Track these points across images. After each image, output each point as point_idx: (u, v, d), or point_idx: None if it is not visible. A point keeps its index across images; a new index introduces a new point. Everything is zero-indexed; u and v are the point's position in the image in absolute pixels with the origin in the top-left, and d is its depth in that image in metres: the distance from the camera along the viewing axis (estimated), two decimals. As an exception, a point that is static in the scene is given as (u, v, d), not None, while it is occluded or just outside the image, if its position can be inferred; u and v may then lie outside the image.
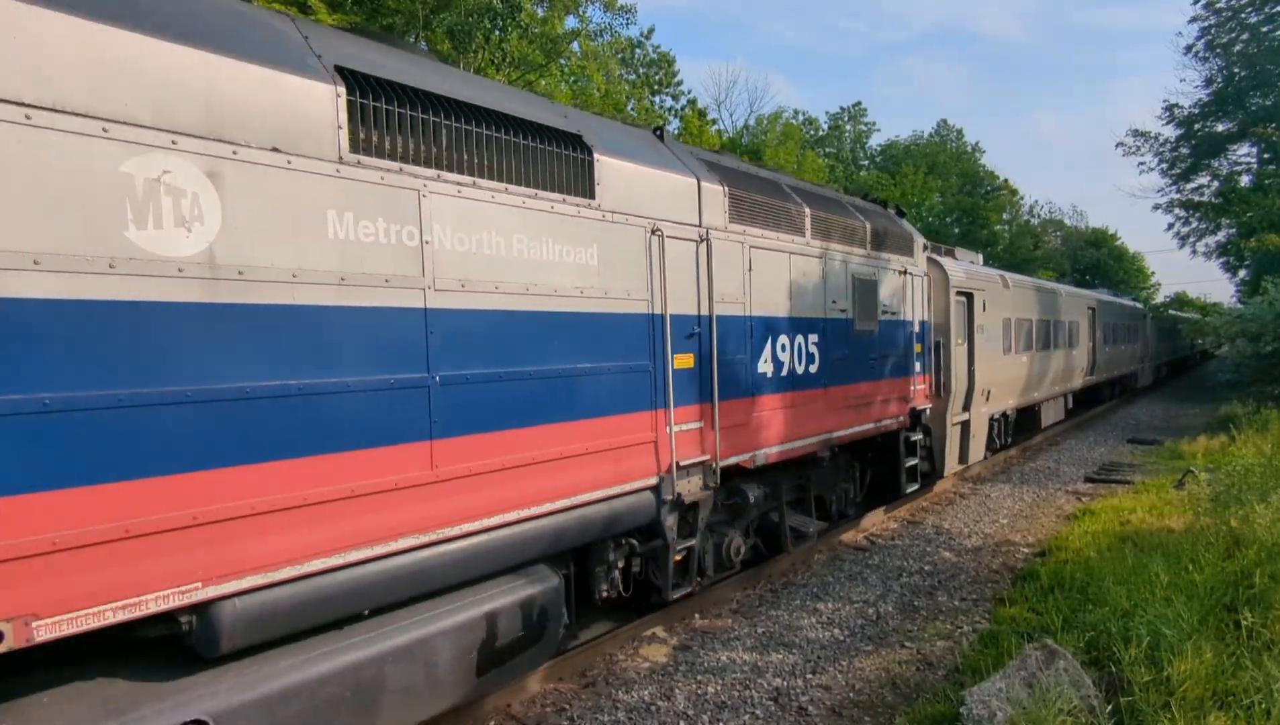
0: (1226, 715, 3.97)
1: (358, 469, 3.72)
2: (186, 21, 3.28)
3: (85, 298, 2.85)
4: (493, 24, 14.13)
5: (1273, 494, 7.09)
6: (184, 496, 3.12)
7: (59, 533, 2.79)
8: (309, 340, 3.54)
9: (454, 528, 4.13)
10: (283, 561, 3.42)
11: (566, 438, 4.85)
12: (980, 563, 8.19)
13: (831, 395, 7.79)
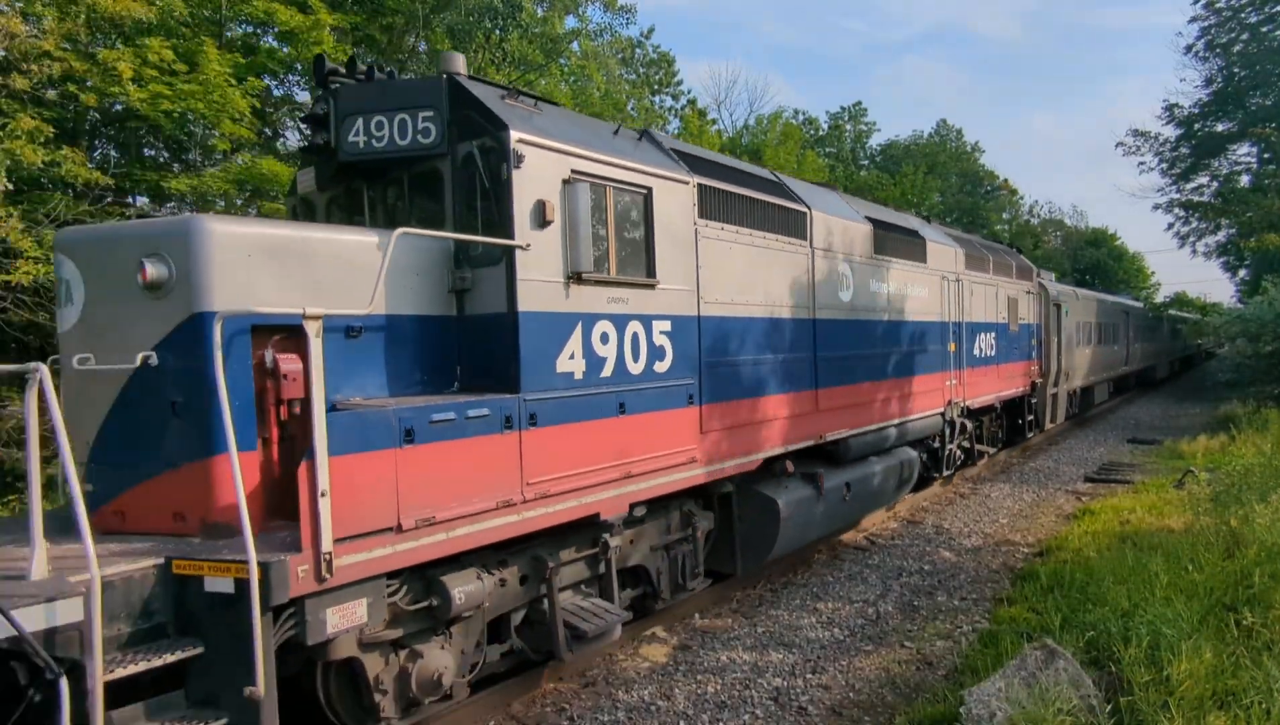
0: (1226, 715, 3.97)
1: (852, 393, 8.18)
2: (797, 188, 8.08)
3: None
4: (493, 23, 14.12)
5: (1272, 494, 7.09)
6: (800, 402, 7.22)
7: (738, 420, 6.34)
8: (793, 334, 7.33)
9: (889, 422, 8.85)
10: (830, 430, 7.67)
11: (910, 386, 9.37)
12: (980, 562, 8.19)
13: (1000, 370, 12.50)
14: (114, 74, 10.19)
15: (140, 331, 3.73)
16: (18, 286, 9.08)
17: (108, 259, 3.88)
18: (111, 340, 3.78)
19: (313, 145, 5.03)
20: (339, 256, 4.20)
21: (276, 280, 3.89)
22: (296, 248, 4.08)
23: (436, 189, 4.90)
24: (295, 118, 14.91)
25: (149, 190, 12.30)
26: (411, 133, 4.75)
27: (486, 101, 4.73)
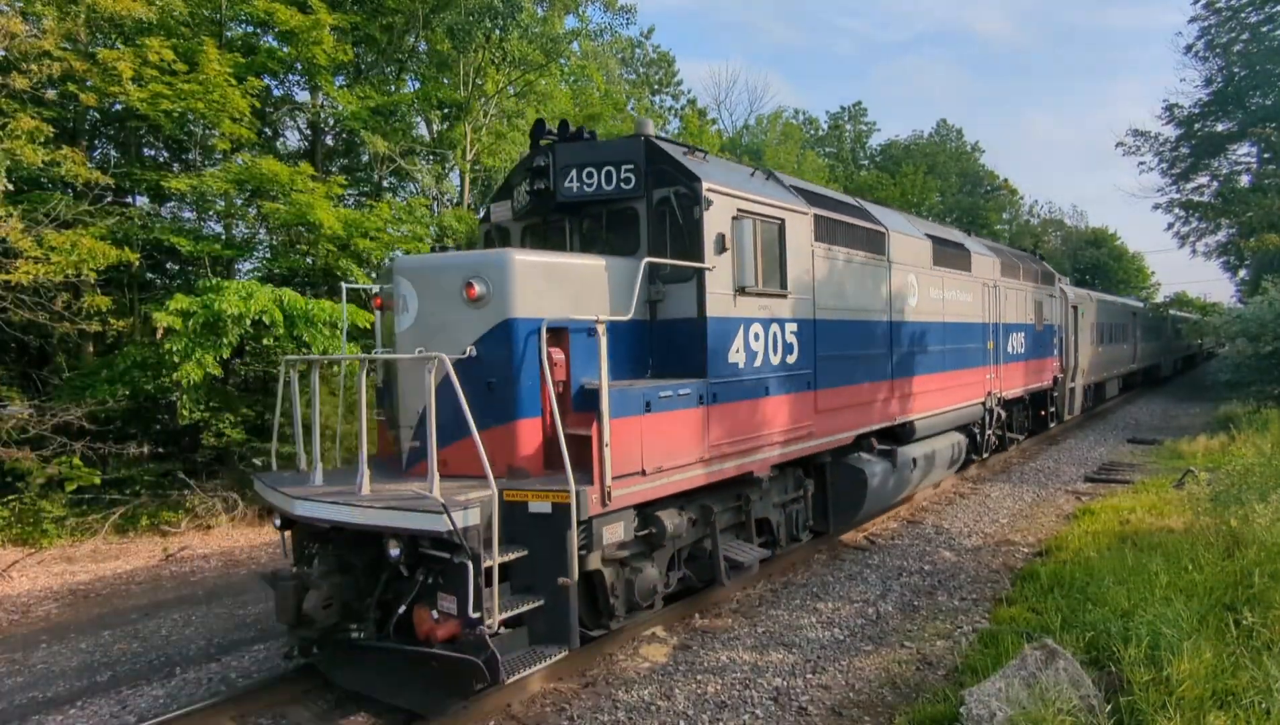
0: (1226, 715, 3.97)
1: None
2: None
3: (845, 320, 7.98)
4: (493, 23, 14.10)
5: (1272, 494, 7.09)
6: (872, 392, 8.55)
7: (839, 403, 7.75)
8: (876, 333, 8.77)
9: (943, 409, 10.32)
10: (902, 414, 9.15)
11: (959, 379, 10.85)
12: (980, 562, 8.19)
13: (1028, 366, 14.03)
14: (114, 74, 10.19)
15: (463, 332, 5.20)
16: (17, 286, 9.07)
17: (438, 280, 5.33)
18: (440, 338, 5.15)
19: (533, 190, 6.44)
20: (584, 277, 5.66)
21: (552, 295, 5.35)
22: (562, 271, 5.55)
23: (632, 223, 6.35)
24: (294, 118, 14.93)
25: (149, 190, 12.29)
26: (615, 181, 6.23)
27: (679, 158, 6.24)
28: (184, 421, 11.11)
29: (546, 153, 6.35)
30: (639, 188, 6.21)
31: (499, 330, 5.17)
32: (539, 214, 6.81)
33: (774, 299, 6.80)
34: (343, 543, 5.04)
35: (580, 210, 6.58)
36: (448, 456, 5.03)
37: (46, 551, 9.68)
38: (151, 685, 5.80)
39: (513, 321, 5.16)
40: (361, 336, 13.34)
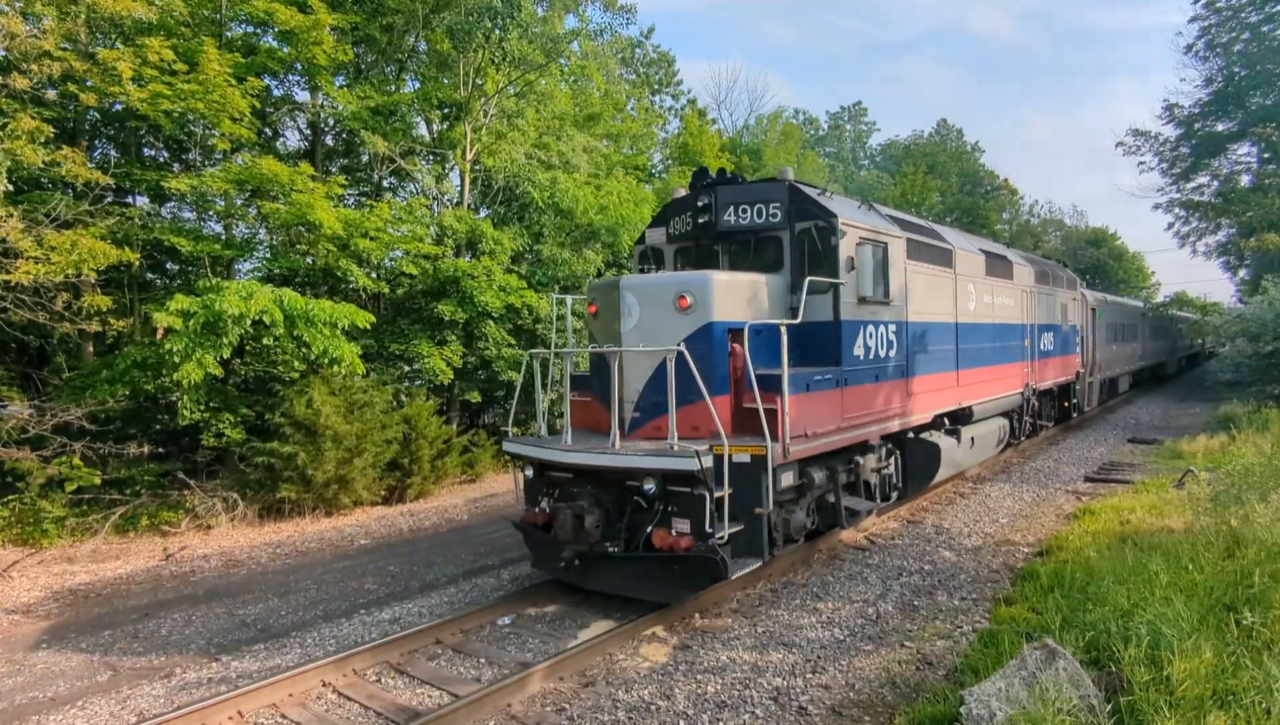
0: (1226, 714, 3.96)
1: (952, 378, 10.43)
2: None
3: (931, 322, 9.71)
4: (493, 23, 14.08)
5: (1273, 494, 7.08)
6: (945, 380, 10.03)
7: (922, 389, 9.35)
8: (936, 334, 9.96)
9: (994, 397, 11.76)
10: (964, 400, 10.63)
11: (1004, 371, 12.22)
12: (980, 562, 8.18)
13: (1056, 362, 15.53)
14: (114, 74, 10.19)
15: (674, 332, 6.76)
16: (17, 286, 9.07)
17: (657, 293, 7.00)
18: (655, 336, 6.79)
19: (697, 222, 8.17)
20: (751, 289, 7.35)
21: (733, 303, 7.04)
22: (738, 285, 7.26)
23: (776, 248, 7.98)
24: (295, 118, 14.92)
25: (149, 190, 12.29)
26: (765, 215, 7.86)
27: (817, 198, 7.93)
28: (184, 421, 11.12)
29: (710, 192, 8.06)
30: (783, 221, 7.86)
31: (702, 331, 6.84)
32: (692, 238, 8.47)
33: (881, 306, 8.37)
34: (598, 484, 6.79)
35: (731, 237, 8.20)
36: (660, 424, 6.76)
37: (47, 551, 9.68)
38: (152, 685, 5.80)
39: (712, 324, 6.87)
40: (362, 335, 13.35)
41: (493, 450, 15.28)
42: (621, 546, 6.56)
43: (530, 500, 7.57)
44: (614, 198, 16.60)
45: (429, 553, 9.54)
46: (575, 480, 6.99)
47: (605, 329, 7.38)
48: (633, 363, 6.92)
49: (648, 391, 6.88)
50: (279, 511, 11.42)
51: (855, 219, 8.05)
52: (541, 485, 7.43)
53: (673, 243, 8.68)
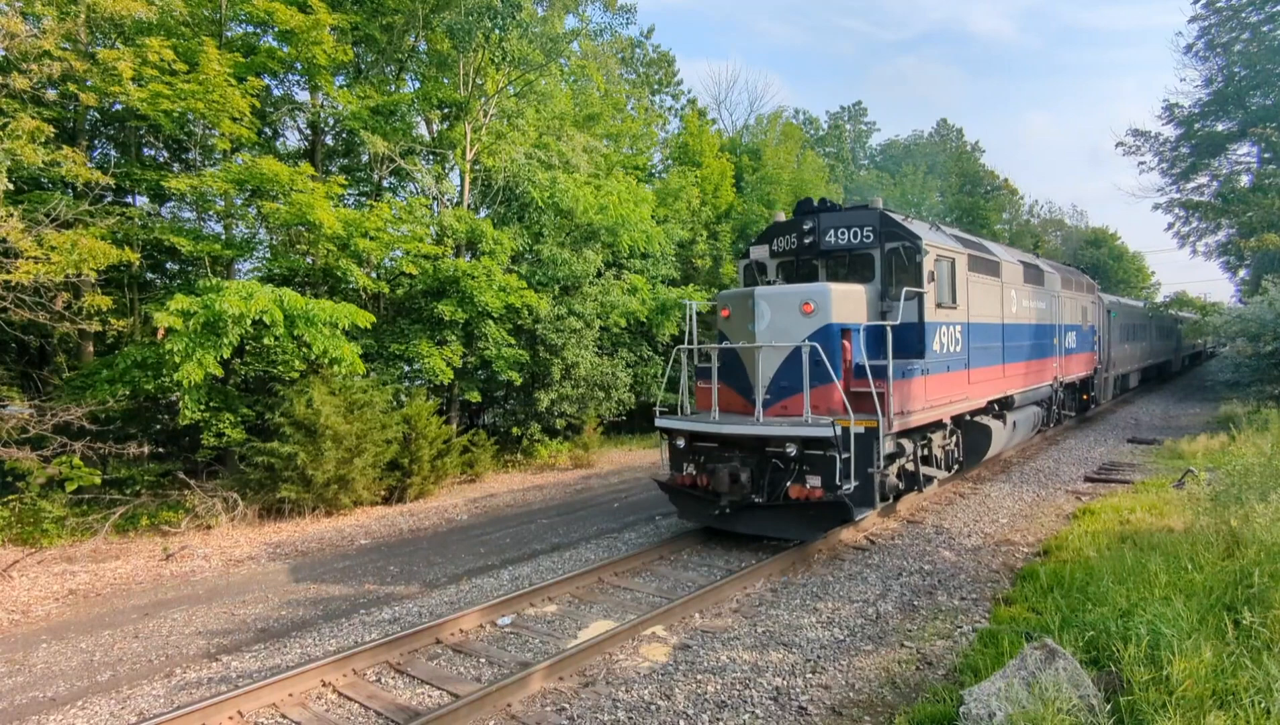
0: (1226, 714, 3.96)
1: (1001, 371, 12.09)
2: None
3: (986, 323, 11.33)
4: (493, 23, 14.08)
5: (1272, 494, 7.08)
6: (994, 372, 11.65)
7: (978, 379, 10.85)
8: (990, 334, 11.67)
9: (1031, 387, 13.41)
10: (1008, 389, 12.11)
11: (1038, 366, 13.84)
12: (980, 562, 8.18)
13: (1077, 358, 17.04)
14: (114, 73, 10.19)
15: (798, 331, 8.40)
16: (18, 286, 9.07)
17: (786, 301, 8.60)
18: (783, 335, 8.45)
19: (802, 242, 9.98)
20: (854, 297, 8.97)
21: (843, 308, 8.65)
22: (846, 294, 8.81)
23: (869, 265, 9.66)
24: (294, 118, 14.92)
25: (149, 190, 12.30)
26: (860, 237, 9.64)
27: (904, 223, 9.61)
28: (184, 421, 11.12)
29: (815, 217, 9.93)
30: (875, 241, 9.55)
31: (822, 330, 8.41)
32: (794, 255, 10.18)
33: (951, 310, 10.00)
34: (743, 450, 8.56)
35: (830, 254, 9.95)
36: (787, 404, 8.47)
37: (47, 551, 9.68)
38: (152, 685, 5.80)
39: (830, 325, 8.45)
40: (362, 335, 13.34)
41: (492, 450, 15.29)
42: (765, 497, 8.37)
43: (675, 466, 9.37)
44: (614, 198, 16.60)
45: (429, 552, 9.54)
46: (720, 448, 8.81)
47: (738, 329, 9.01)
48: (765, 356, 8.61)
49: (776, 378, 8.57)
50: (279, 511, 11.43)
51: (933, 240, 9.77)
52: (687, 454, 9.19)
53: (775, 258, 10.37)
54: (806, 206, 10.28)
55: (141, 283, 12.92)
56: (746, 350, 8.74)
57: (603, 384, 16.90)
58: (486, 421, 17.92)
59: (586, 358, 16.32)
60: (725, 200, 24.41)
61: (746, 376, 8.78)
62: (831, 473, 7.90)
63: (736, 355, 8.91)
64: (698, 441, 9.08)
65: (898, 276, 9.43)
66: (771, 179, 25.12)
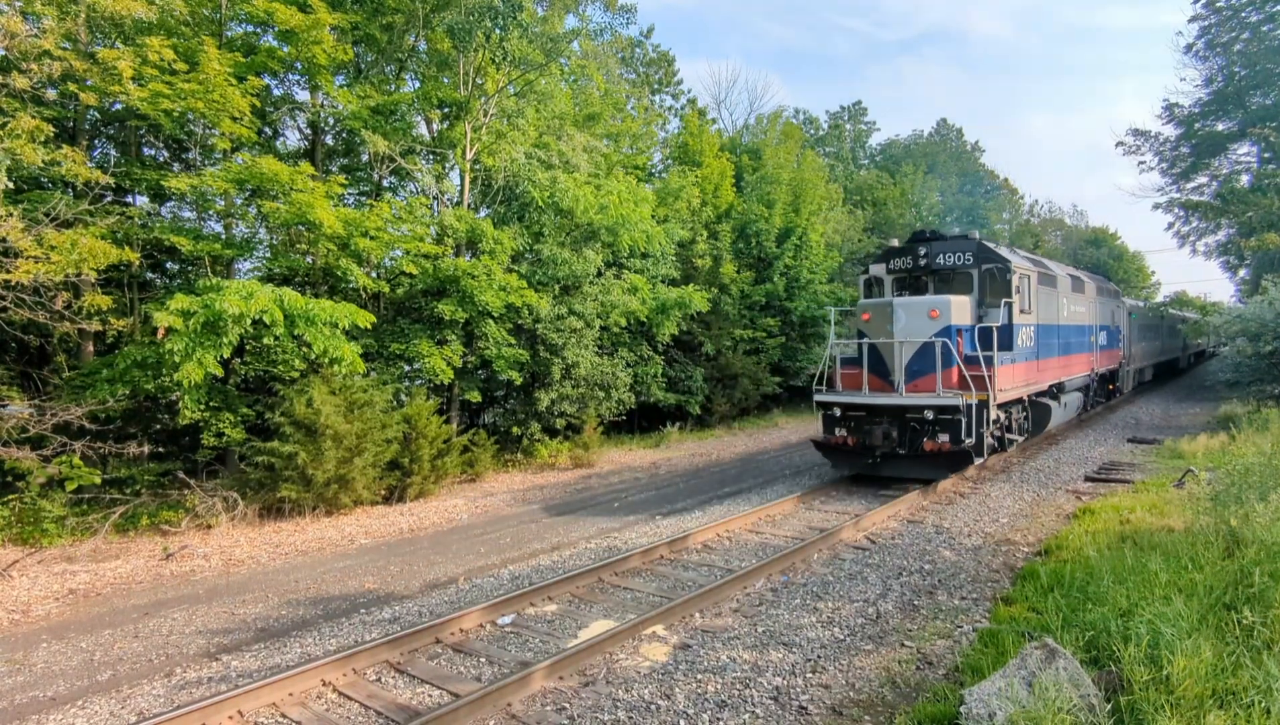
0: (1226, 714, 3.96)
1: (1063, 362, 15.72)
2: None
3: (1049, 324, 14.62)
4: (493, 23, 14.07)
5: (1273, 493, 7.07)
6: (1053, 363, 14.83)
7: (1042, 368, 13.94)
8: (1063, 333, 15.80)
9: (1075, 376, 16.51)
10: (1060, 377, 15.31)
11: (1079, 359, 16.87)
12: (980, 562, 8.18)
13: (1107, 353, 19.77)
14: (114, 73, 10.18)
15: (927, 330, 11.32)
16: (17, 286, 9.07)
17: (917, 308, 11.51)
18: (915, 334, 11.37)
19: (918, 262, 12.77)
20: (962, 305, 11.72)
21: (958, 314, 11.50)
22: (957, 303, 11.58)
23: (968, 281, 12.51)
24: (294, 117, 14.92)
25: (149, 189, 12.29)
26: (961, 259, 12.48)
27: (995, 248, 12.67)
28: (185, 421, 11.12)
29: (927, 244, 12.94)
30: (974, 263, 12.55)
31: (944, 330, 11.33)
32: (907, 272, 13.10)
33: (1027, 315, 12.96)
34: (888, 416, 11.52)
35: (936, 272, 12.84)
36: (918, 383, 11.40)
37: (47, 551, 9.68)
38: (152, 684, 5.80)
39: (950, 326, 11.33)
40: (362, 335, 13.34)
41: (492, 450, 15.28)
42: (906, 450, 11.49)
43: (829, 430, 12.40)
44: (614, 197, 16.59)
45: (429, 552, 9.54)
46: (869, 416, 11.77)
47: (878, 329, 11.94)
48: (904, 348, 11.58)
49: (910, 364, 11.55)
50: (279, 511, 11.42)
51: (1017, 261, 12.90)
52: (840, 421, 12.19)
53: (890, 274, 13.35)
54: (920, 236, 13.40)
55: (141, 282, 12.91)
56: (886, 344, 11.75)
57: (603, 384, 16.91)
58: (486, 421, 17.91)
59: (586, 357, 16.32)
60: (725, 200, 24.40)
61: (886, 363, 11.77)
62: (957, 431, 11.06)
63: (877, 348, 11.88)
64: (848, 411, 12.03)
65: (991, 290, 12.53)
66: (771, 179, 25.11)
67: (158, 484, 11.88)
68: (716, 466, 15.72)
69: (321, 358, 11.36)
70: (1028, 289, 12.93)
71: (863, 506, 10.96)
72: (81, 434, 9.74)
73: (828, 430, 12.40)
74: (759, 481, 13.52)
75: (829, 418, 12.34)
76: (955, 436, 11.05)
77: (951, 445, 11.06)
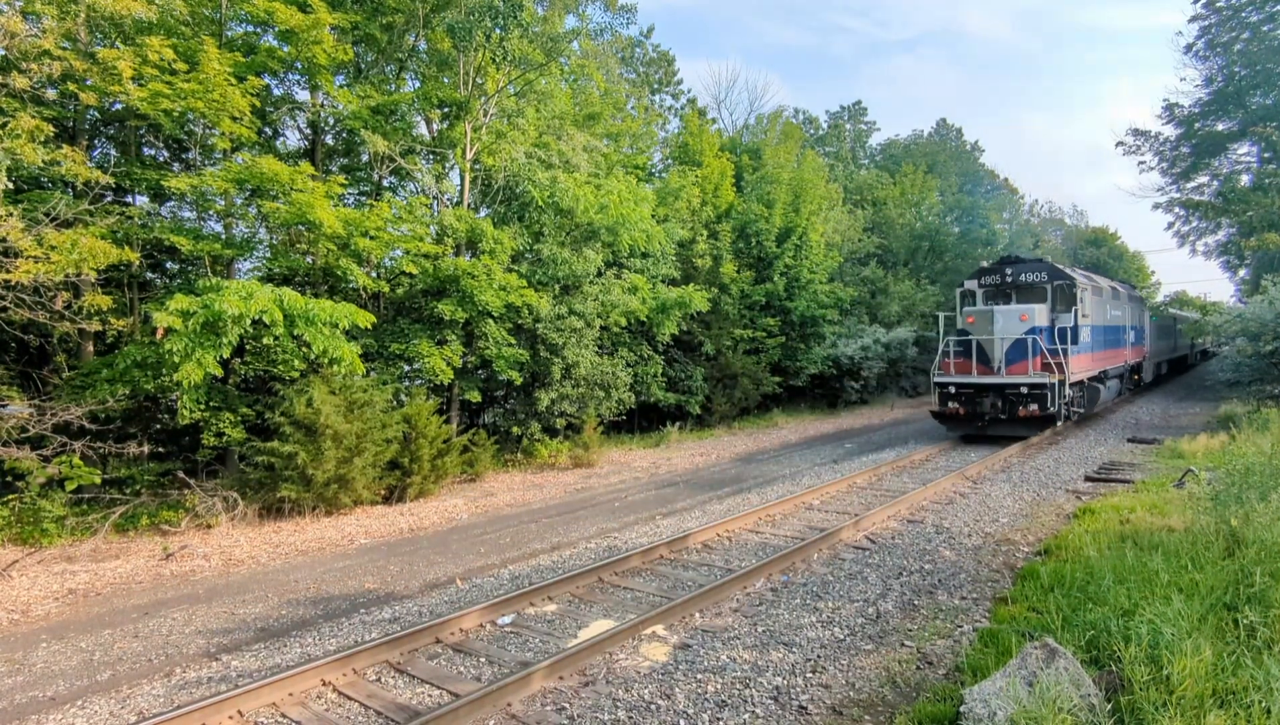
0: (1226, 714, 3.96)
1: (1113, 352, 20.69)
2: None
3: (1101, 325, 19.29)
4: (494, 22, 14.06)
5: (1273, 493, 7.07)
6: (1100, 355, 19.21)
7: (1094, 358, 18.32)
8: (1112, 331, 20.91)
9: (1116, 366, 20.81)
10: (1104, 367, 19.46)
11: (1118, 352, 21.20)
12: (980, 562, 8.18)
13: (1135, 349, 23.64)
14: (114, 73, 10.18)
15: (1018, 330, 16.00)
16: (17, 285, 9.07)
17: (1012, 313, 16.19)
18: (1010, 331, 16.09)
19: (1003, 279, 17.37)
20: (1040, 311, 16.22)
21: (1040, 317, 16.17)
22: (1041, 310, 16.30)
23: (1043, 293, 16.88)
24: (294, 117, 14.91)
25: (149, 189, 12.29)
26: (1037, 277, 17.06)
27: (1064, 269, 17.28)
28: (184, 421, 11.12)
29: (1013, 265, 17.24)
30: (1047, 279, 16.67)
31: (1031, 329, 15.59)
32: (995, 286, 17.32)
33: (1086, 318, 16.80)
34: (992, 392, 15.87)
35: (1018, 286, 17.05)
36: (1013, 368, 15.78)
37: (47, 551, 9.68)
38: (152, 684, 5.80)
39: (1035, 326, 15.64)
40: (362, 335, 13.34)
41: (492, 450, 15.28)
42: (1006, 416, 15.71)
43: (942, 404, 16.63)
44: (614, 197, 16.58)
45: (429, 551, 9.54)
46: (975, 392, 16.06)
47: (981, 329, 16.24)
48: (1002, 343, 15.90)
49: (1008, 354, 15.91)
50: (279, 511, 11.42)
51: (1080, 278, 17.11)
52: (953, 396, 16.40)
53: (982, 287, 17.69)
54: (1006, 260, 17.87)
55: (141, 282, 12.91)
56: (988, 339, 16.13)
57: (603, 383, 16.90)
58: (486, 421, 17.91)
59: (586, 357, 16.32)
60: (725, 200, 24.40)
61: (988, 354, 16.22)
62: (1044, 402, 15.31)
63: (980, 343, 16.22)
64: (960, 389, 16.37)
65: (1060, 300, 16.89)
66: (771, 178, 25.10)
67: (158, 484, 11.88)
68: (716, 466, 15.72)
69: (321, 358, 11.36)
70: (1086, 299, 17.11)
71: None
72: (81, 434, 9.74)
73: (942, 404, 16.69)
74: (759, 481, 13.52)
75: (944, 394, 16.58)
76: (1043, 405, 15.33)
77: (1039, 412, 15.35)
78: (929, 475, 13.31)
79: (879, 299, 30.34)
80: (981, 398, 15.95)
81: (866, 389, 27.90)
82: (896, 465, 14.27)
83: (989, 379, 15.88)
